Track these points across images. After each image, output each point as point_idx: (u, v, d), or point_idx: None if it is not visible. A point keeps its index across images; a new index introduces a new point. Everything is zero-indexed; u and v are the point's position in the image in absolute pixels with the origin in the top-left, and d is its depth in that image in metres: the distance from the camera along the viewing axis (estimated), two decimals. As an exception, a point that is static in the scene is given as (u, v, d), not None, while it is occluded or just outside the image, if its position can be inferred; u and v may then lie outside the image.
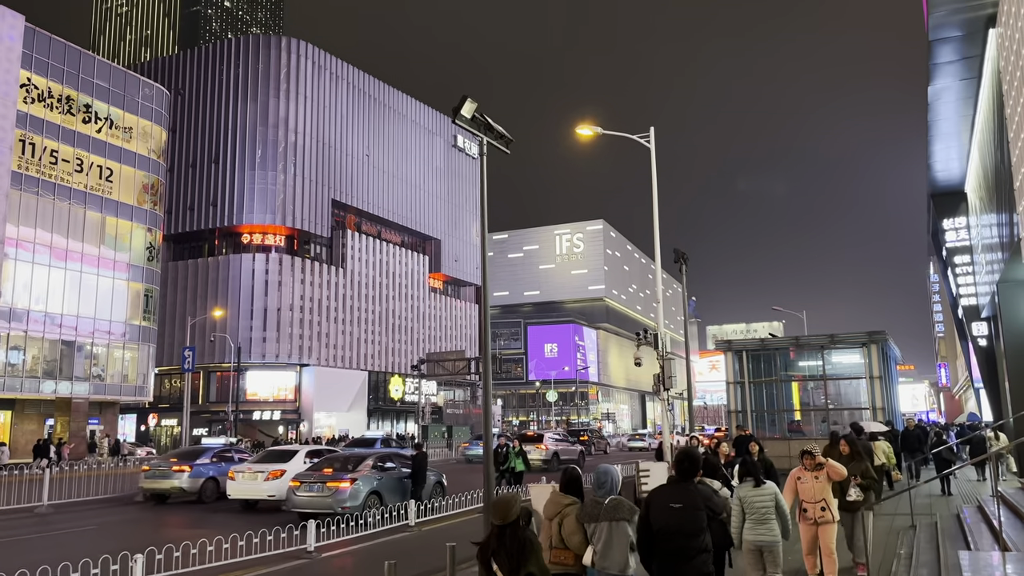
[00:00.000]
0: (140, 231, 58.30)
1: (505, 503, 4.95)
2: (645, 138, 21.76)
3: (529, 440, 37.82)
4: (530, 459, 35.12)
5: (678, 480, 5.90)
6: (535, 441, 38.00)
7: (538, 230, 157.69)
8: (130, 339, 57.25)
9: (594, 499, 5.87)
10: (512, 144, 14.46)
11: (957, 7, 21.11)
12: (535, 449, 36.72)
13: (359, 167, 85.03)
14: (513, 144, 14.49)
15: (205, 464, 23.70)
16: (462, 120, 12.42)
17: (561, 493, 6.19)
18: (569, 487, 6.24)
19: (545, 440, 38.43)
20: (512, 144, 14.46)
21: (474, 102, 12.62)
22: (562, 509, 6.02)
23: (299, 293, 76.65)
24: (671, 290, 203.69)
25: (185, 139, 79.19)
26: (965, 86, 26.30)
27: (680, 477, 5.89)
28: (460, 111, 12.27)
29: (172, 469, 23.24)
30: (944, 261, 36.71)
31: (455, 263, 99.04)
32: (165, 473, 23.25)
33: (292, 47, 79.65)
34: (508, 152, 14.10)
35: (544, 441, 38.17)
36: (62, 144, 52.69)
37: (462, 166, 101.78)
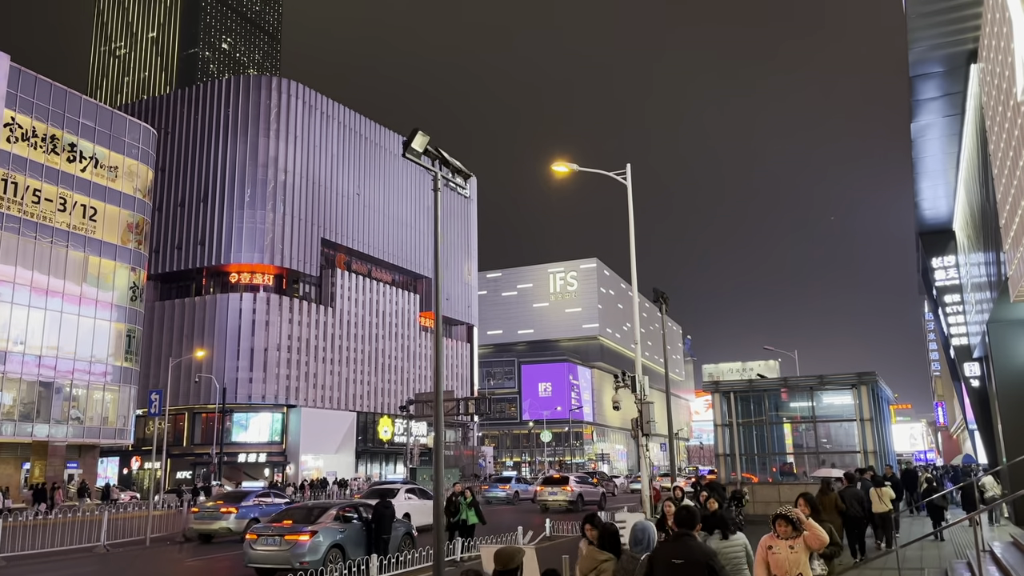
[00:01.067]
0: (123, 270, 57.61)
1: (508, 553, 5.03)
2: (622, 175, 21.27)
3: (555, 482, 39.27)
4: (555, 501, 37.70)
5: (678, 535, 5.88)
6: (561, 483, 39.02)
7: (532, 268, 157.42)
8: (111, 380, 56.23)
9: (631, 555, 6.00)
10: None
11: (938, 42, 20.78)
12: (561, 491, 38.08)
13: (349, 206, 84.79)
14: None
15: (249, 506, 25.58)
16: (412, 154, 11.83)
17: (597, 548, 6.23)
18: (606, 542, 6.27)
19: (570, 483, 39.26)
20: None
21: (426, 135, 12.05)
22: (598, 565, 6.09)
23: (287, 333, 75.76)
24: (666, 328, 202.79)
25: (174, 178, 78.94)
26: (949, 123, 25.93)
27: (680, 531, 5.91)
28: (411, 144, 11.68)
29: (220, 511, 24.90)
30: (934, 300, 36.13)
31: (446, 302, 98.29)
32: (214, 515, 24.98)
33: (283, 87, 79.88)
34: (465, 189, 13.50)
35: (569, 483, 39.02)
36: (45, 183, 52.24)
37: (454, 205, 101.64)
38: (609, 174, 21.50)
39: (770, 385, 33.36)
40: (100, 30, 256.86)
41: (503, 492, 48.35)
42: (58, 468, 53.59)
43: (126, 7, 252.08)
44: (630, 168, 21.15)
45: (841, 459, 30.66)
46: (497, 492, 47.43)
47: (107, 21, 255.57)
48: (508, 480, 52.58)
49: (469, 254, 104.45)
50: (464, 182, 13.12)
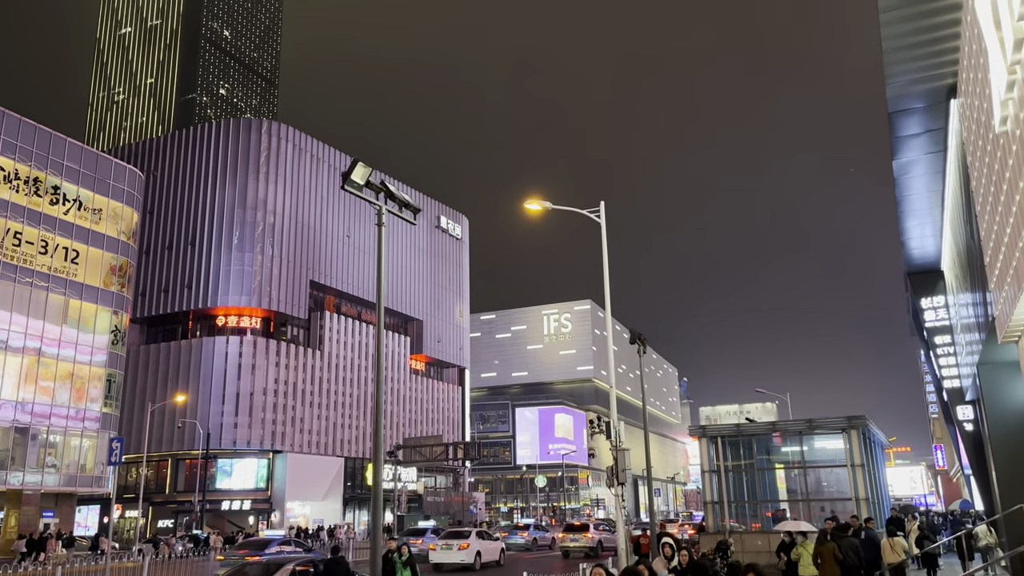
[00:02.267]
0: (105, 314, 56.74)
1: None
2: (595, 212, 20.66)
3: (577, 529, 42.51)
4: (576, 546, 40.33)
5: None
6: (582, 530, 42.00)
7: (526, 310, 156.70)
8: (90, 426, 54.96)
9: None
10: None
11: (916, 77, 20.33)
12: (582, 537, 40.95)
13: (339, 248, 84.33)
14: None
15: (272, 553, 26.64)
16: (352, 186, 11.17)
17: None
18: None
19: (590, 530, 42.19)
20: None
21: (368, 167, 11.39)
22: None
23: (273, 376, 74.63)
24: (662, 371, 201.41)
25: (163, 221, 78.55)
26: (932, 160, 25.45)
27: None
28: (350, 176, 11.03)
29: (246, 559, 25.47)
30: (925, 341, 35.38)
31: (438, 344, 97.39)
32: (238, 563, 25.68)
33: (272, 130, 79.99)
34: (414, 223, 12.84)
35: (590, 530, 41.86)
36: (27, 226, 51.66)
37: (445, 247, 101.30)
38: (583, 212, 20.90)
39: (758, 429, 32.35)
40: (100, 75, 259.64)
41: (522, 539, 51.19)
42: (33, 517, 52.07)
43: (127, 53, 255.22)
44: (603, 206, 20.56)
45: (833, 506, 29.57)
46: (516, 539, 50.14)
47: (107, 67, 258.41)
48: (527, 527, 56.50)
49: (461, 296, 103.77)
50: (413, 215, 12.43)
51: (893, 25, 17.90)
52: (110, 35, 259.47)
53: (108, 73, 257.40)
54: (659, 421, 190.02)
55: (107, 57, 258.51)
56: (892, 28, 17.99)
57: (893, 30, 18.07)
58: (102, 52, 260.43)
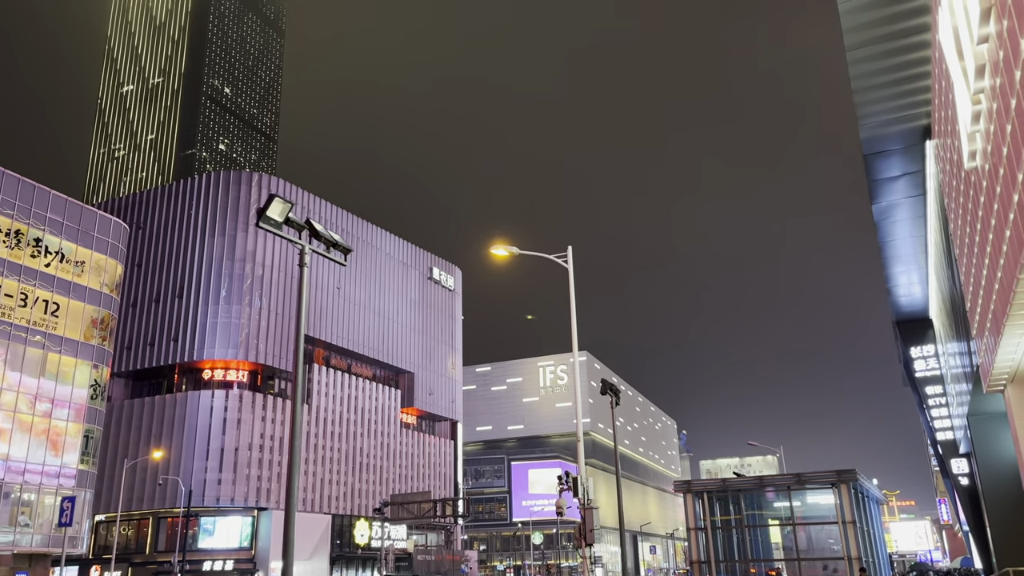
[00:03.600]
0: (85, 367, 55.66)
1: None
2: (563, 258, 19.95)
3: None
4: None
5: None
6: None
7: (521, 362, 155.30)
8: (65, 483, 53.37)
9: None
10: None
11: (889, 118, 19.79)
12: None
13: (329, 300, 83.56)
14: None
15: None
16: (269, 223, 10.42)
17: None
18: None
19: None
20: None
21: (286, 202, 10.66)
22: None
23: (259, 431, 73.12)
24: (660, 423, 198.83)
25: (151, 274, 77.99)
26: (913, 204, 24.82)
27: None
28: (266, 212, 10.29)
29: None
30: (917, 392, 34.35)
31: (429, 397, 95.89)
32: None
33: (262, 182, 80.00)
34: (344, 263, 12.07)
35: None
36: (6, 279, 50.99)
37: (438, 298, 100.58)
38: (550, 257, 20.19)
39: (745, 484, 31.13)
40: (100, 132, 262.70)
41: None
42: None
43: (127, 109, 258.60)
44: (571, 250, 19.85)
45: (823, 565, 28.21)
46: None
47: (109, 123, 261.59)
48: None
49: (454, 348, 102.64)
50: (344, 257, 11.65)
51: (861, 64, 17.41)
52: (112, 93, 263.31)
53: (109, 129, 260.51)
54: (658, 475, 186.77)
55: (108, 114, 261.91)
56: (860, 67, 17.50)
57: (862, 69, 17.57)
58: (104, 109, 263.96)
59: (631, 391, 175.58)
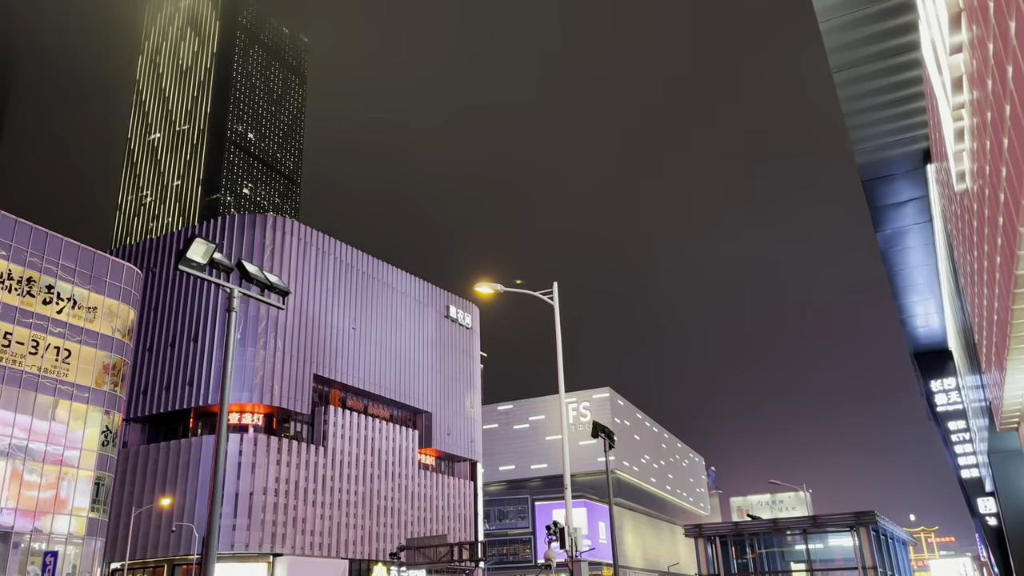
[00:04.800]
0: (96, 414, 55.51)
1: None
2: (548, 294, 19.15)
3: None
4: None
5: None
6: None
7: (544, 399, 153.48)
8: (75, 532, 52.88)
9: None
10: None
11: (886, 142, 18.88)
12: None
13: (345, 341, 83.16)
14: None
15: None
16: (190, 266, 9.77)
17: None
18: None
19: None
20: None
21: (209, 243, 10.03)
22: None
23: (274, 475, 72.33)
24: (687, 460, 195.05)
25: (165, 318, 78.23)
26: (922, 231, 23.73)
27: None
28: (186, 254, 9.64)
29: None
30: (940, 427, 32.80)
31: (447, 437, 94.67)
32: None
33: (277, 224, 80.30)
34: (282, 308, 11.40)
35: None
36: (17, 326, 51.17)
37: (455, 337, 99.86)
38: (535, 294, 19.41)
39: (760, 528, 29.67)
40: (128, 179, 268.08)
41: None
42: (12, 632, 49.54)
43: (155, 157, 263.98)
44: (556, 286, 19.06)
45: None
46: None
47: (136, 170, 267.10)
48: None
49: (472, 386, 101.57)
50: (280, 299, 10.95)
51: (849, 86, 16.58)
52: (140, 141, 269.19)
53: (137, 176, 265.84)
54: (686, 513, 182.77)
55: (136, 161, 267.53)
56: (849, 89, 16.67)
57: (850, 91, 16.73)
58: (132, 157, 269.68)
59: (656, 427, 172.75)
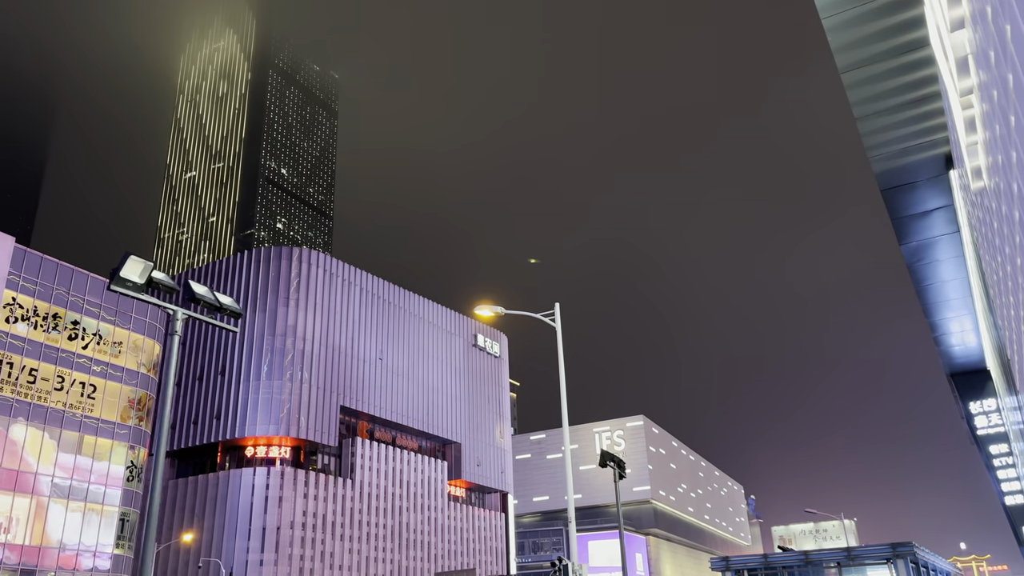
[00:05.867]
0: (121, 449, 55.47)
1: None
2: (550, 316, 18.30)
3: None
4: None
5: None
6: None
7: (576, 428, 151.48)
8: (100, 566, 52.60)
9: None
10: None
11: (902, 148, 17.76)
12: None
13: (372, 372, 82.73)
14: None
15: None
16: (124, 285, 9.08)
17: None
18: None
19: None
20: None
21: (145, 261, 9.32)
22: None
23: (302, 509, 71.70)
24: (726, 488, 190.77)
25: (194, 353, 78.60)
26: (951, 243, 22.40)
27: None
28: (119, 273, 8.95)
29: None
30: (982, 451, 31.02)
31: (477, 468, 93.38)
32: None
33: (303, 257, 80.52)
34: (234, 329, 10.67)
35: None
36: (43, 362, 51.49)
37: (483, 366, 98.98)
38: (537, 316, 18.57)
39: (791, 560, 28.14)
40: (166, 217, 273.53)
41: None
42: (36, 671, 49.17)
43: (193, 194, 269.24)
44: (559, 308, 18.20)
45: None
46: None
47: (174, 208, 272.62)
48: None
49: (501, 416, 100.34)
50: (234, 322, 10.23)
51: (860, 88, 15.54)
52: (177, 179, 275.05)
53: (175, 214, 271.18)
54: (725, 543, 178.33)
55: (173, 199, 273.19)
56: (859, 91, 15.63)
57: (861, 93, 15.69)
58: (169, 194, 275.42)
59: (692, 455, 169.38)
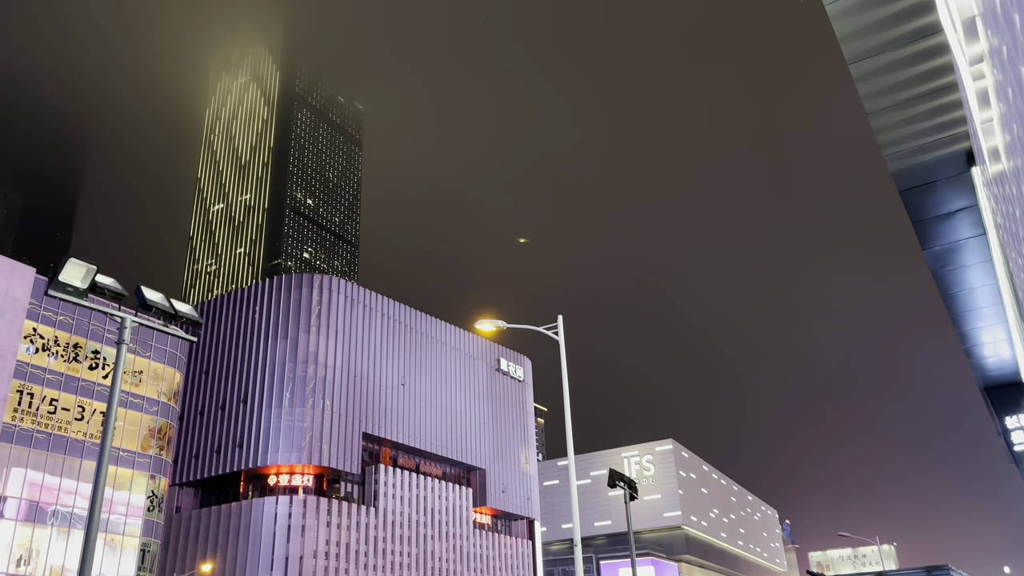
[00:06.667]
0: (141, 479, 55.29)
1: None
2: (552, 329, 17.56)
3: None
4: None
5: None
6: None
7: (605, 453, 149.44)
8: (121, 601, 52.21)
9: None
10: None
11: (919, 144, 16.84)
12: None
13: (394, 398, 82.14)
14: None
15: None
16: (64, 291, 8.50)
17: None
18: None
19: None
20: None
21: (88, 265, 8.72)
22: None
23: (324, 538, 70.89)
24: (760, 513, 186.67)
25: (217, 381, 78.60)
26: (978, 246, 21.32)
27: None
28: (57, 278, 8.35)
29: None
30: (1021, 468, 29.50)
31: (503, 494, 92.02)
32: None
33: (324, 284, 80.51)
34: (193, 339, 10.09)
35: None
36: (63, 392, 51.60)
37: (507, 390, 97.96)
38: (539, 329, 17.85)
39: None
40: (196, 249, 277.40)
41: None
42: None
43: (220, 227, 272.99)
44: (562, 320, 17.47)
45: None
46: None
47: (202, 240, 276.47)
48: None
49: (526, 441, 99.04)
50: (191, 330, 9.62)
51: (869, 80, 14.71)
52: (204, 212, 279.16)
53: (206, 245, 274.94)
54: (760, 569, 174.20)
55: (202, 231, 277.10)
56: (869, 84, 14.79)
57: (871, 86, 14.86)
58: (198, 227, 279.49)
59: (724, 479, 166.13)
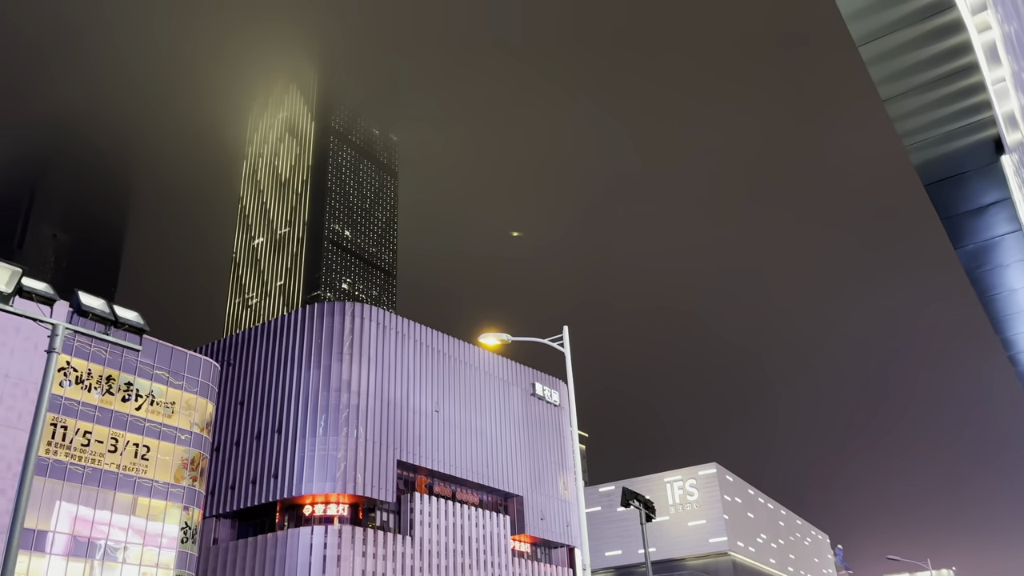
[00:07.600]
0: (175, 510, 55.27)
1: None
2: (558, 341, 16.79)
3: None
4: None
5: None
6: None
7: (647, 478, 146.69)
8: (155, 634, 51.98)
9: None
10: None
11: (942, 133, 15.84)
12: None
13: (429, 425, 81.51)
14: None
15: None
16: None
17: None
18: None
19: None
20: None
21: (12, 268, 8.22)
22: None
23: (360, 568, 70.13)
24: (809, 538, 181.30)
25: (251, 412, 78.81)
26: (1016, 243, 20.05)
27: None
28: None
29: None
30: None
31: (541, 522, 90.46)
32: None
33: (356, 311, 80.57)
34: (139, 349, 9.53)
35: None
36: (97, 425, 51.95)
37: (543, 415, 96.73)
38: (544, 341, 17.11)
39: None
40: (235, 283, 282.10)
41: None
42: None
43: (258, 260, 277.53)
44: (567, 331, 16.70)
45: None
46: None
47: (242, 274, 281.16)
48: None
49: (564, 467, 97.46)
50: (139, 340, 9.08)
51: (882, 63, 13.81)
52: (244, 246, 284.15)
53: (243, 280, 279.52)
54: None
55: (242, 265, 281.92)
56: (882, 68, 13.89)
57: (884, 70, 13.95)
58: (237, 261, 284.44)
59: (771, 503, 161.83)
